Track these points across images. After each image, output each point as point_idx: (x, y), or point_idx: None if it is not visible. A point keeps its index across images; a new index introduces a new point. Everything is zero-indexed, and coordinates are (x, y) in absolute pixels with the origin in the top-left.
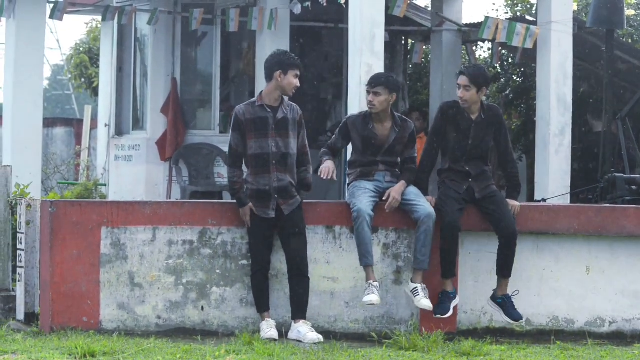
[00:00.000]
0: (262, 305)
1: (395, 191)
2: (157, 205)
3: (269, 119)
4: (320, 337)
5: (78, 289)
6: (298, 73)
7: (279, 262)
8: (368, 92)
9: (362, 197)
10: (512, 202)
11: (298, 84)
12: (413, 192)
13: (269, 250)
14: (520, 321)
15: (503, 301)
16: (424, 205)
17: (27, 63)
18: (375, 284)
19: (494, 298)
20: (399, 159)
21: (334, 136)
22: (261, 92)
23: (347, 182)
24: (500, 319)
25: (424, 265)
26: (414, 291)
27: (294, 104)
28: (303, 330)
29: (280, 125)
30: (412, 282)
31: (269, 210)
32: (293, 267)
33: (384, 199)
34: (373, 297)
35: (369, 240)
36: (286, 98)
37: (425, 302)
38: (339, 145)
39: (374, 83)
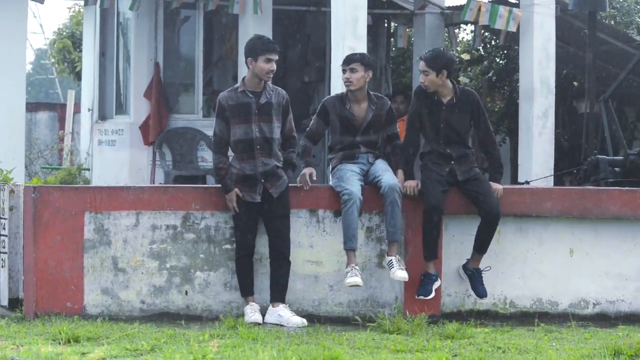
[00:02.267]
0: (246, 289)
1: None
2: (140, 190)
3: (252, 104)
4: (304, 321)
5: (62, 274)
6: (271, 57)
7: (263, 246)
8: (344, 71)
9: (352, 180)
10: (495, 185)
11: (272, 68)
12: (381, 167)
13: (254, 234)
14: (484, 298)
15: (472, 274)
16: (387, 177)
17: (9, 47)
18: (357, 267)
19: (465, 268)
20: (378, 138)
21: (312, 121)
22: (243, 78)
23: (331, 165)
24: (484, 301)
25: (396, 237)
26: (390, 264)
27: (280, 89)
28: (285, 315)
29: (264, 110)
30: (387, 255)
31: (256, 195)
32: (277, 249)
33: (403, 191)
34: (356, 279)
35: (356, 224)
36: (270, 82)
37: (400, 274)
38: (320, 129)
39: (350, 60)
